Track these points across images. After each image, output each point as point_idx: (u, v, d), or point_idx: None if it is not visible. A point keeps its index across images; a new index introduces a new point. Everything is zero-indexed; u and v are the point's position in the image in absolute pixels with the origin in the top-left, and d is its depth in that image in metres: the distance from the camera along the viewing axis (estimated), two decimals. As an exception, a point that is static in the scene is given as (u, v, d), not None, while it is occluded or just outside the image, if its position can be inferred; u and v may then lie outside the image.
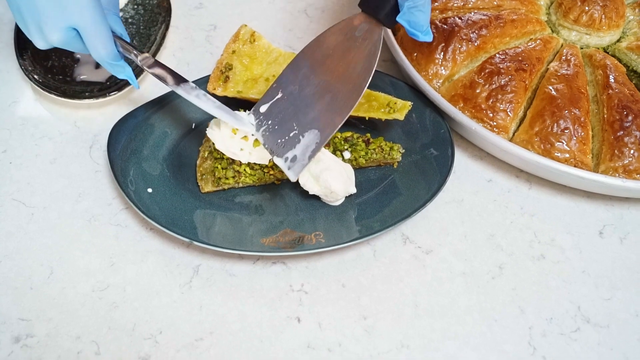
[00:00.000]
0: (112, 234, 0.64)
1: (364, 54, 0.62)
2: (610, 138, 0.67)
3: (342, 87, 0.62)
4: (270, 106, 0.64)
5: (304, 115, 0.62)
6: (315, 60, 0.64)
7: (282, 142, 0.62)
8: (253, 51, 0.71)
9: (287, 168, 0.61)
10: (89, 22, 0.57)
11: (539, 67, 0.71)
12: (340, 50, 0.63)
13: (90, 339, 0.57)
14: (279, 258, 0.63)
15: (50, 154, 0.69)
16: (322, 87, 0.63)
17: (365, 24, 0.62)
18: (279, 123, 0.63)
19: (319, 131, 0.61)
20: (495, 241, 0.65)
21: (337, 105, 0.61)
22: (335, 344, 0.58)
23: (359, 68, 0.61)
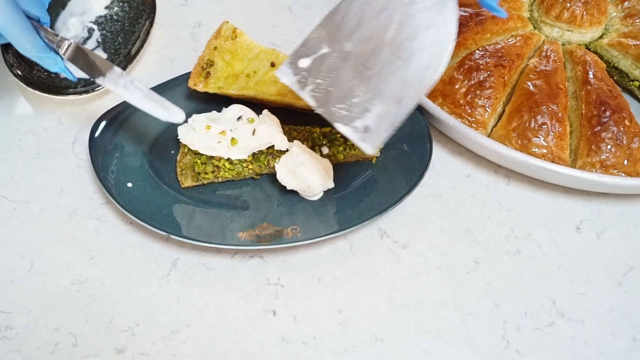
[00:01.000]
0: (92, 228, 0.65)
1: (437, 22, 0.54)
2: (588, 133, 0.67)
3: (416, 55, 0.54)
4: (315, 61, 0.57)
5: (368, 79, 0.55)
6: (368, 16, 0.56)
7: (344, 107, 0.56)
8: (234, 48, 0.71)
9: (360, 139, 0.55)
10: (4, 23, 0.55)
11: (518, 63, 0.71)
12: (403, 11, 0.55)
13: (68, 331, 0.58)
14: (256, 252, 0.64)
15: (33, 149, 0.70)
16: (387, 50, 0.55)
17: None
18: (333, 84, 0.56)
19: (395, 102, 0.55)
20: (472, 236, 0.66)
21: (412, 75, 0.54)
22: (309, 337, 0.59)
23: (432, 37, 0.54)
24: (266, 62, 0.70)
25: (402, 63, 0.55)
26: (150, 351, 0.57)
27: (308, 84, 0.57)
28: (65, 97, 0.71)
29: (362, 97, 0.56)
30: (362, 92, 0.56)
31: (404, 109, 0.55)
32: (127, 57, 0.75)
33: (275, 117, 0.65)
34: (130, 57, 0.75)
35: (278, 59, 0.71)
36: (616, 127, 0.66)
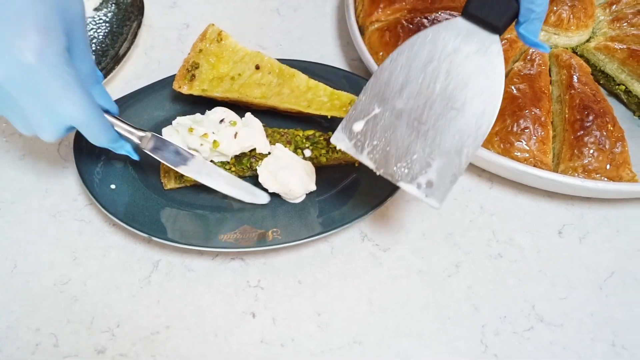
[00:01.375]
0: (75, 229, 0.65)
1: (484, 67, 0.55)
2: (571, 138, 0.67)
3: (469, 103, 0.55)
4: (368, 123, 0.57)
5: (425, 134, 0.56)
6: (413, 70, 0.57)
7: (404, 165, 0.56)
8: (220, 50, 0.72)
9: (425, 195, 0.55)
10: (84, 120, 0.54)
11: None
12: (448, 60, 0.56)
13: (49, 331, 0.59)
14: (238, 254, 0.64)
15: (19, 150, 0.71)
16: (439, 101, 0.56)
17: (474, 32, 0.55)
18: (390, 144, 0.56)
19: (455, 152, 0.55)
20: (454, 240, 0.66)
21: (467, 124, 0.55)
22: (288, 340, 0.59)
23: (482, 82, 0.55)
24: (251, 65, 0.71)
25: (456, 113, 0.56)
26: (130, 352, 0.58)
27: (365, 147, 0.57)
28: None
29: (421, 153, 0.56)
30: (420, 148, 0.56)
31: (465, 159, 0.55)
32: (114, 58, 0.75)
33: (258, 120, 0.66)
34: (117, 58, 0.75)
35: (263, 62, 0.71)
36: (599, 132, 0.66)
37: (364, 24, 0.78)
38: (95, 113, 0.55)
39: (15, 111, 0.53)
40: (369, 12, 0.77)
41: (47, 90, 0.51)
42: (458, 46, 0.56)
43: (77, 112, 0.53)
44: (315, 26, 0.86)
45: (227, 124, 0.65)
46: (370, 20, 0.77)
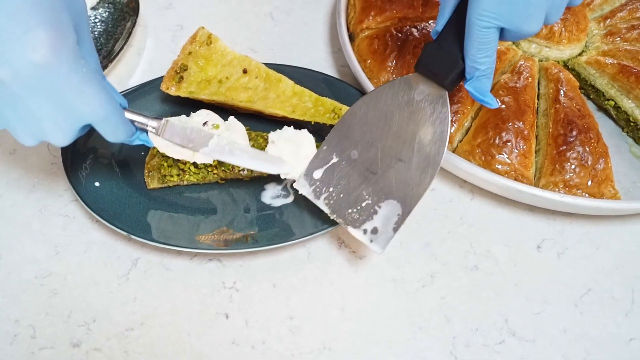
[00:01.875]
0: (59, 224, 0.67)
1: (433, 120, 0.59)
2: (553, 152, 0.67)
3: (415, 155, 0.60)
4: (326, 171, 0.63)
5: (374, 183, 0.61)
6: (369, 122, 0.62)
7: (354, 212, 0.61)
8: (209, 53, 0.73)
9: (369, 240, 0.61)
10: (103, 117, 0.52)
11: (489, 78, 0.72)
12: (400, 113, 0.61)
13: (28, 323, 0.61)
14: (216, 255, 0.66)
15: (11, 144, 0.73)
16: (389, 153, 0.61)
17: (425, 87, 0.60)
18: (343, 191, 0.62)
19: (399, 202, 0.60)
20: (431, 250, 0.67)
21: (412, 175, 0.60)
22: (259, 342, 0.60)
23: (429, 136, 0.60)
24: (239, 69, 0.72)
25: (403, 165, 0.61)
26: (104, 347, 0.59)
27: (322, 193, 0.63)
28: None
29: (369, 201, 0.61)
30: (369, 196, 0.62)
31: (408, 208, 0.60)
32: (107, 57, 0.77)
33: (241, 124, 0.67)
34: (110, 57, 0.77)
35: (250, 66, 0.72)
36: (582, 147, 0.67)
37: (355, 30, 0.79)
38: (115, 107, 0.53)
39: (22, 116, 0.50)
40: (360, 20, 0.78)
41: (64, 86, 0.48)
42: (410, 99, 0.60)
43: (98, 107, 0.51)
44: (307, 31, 0.87)
45: (210, 127, 0.66)
46: (361, 27, 0.78)
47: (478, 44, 0.54)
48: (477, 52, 0.55)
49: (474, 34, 0.54)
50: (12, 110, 0.50)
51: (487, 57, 0.55)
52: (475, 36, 0.54)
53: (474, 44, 0.55)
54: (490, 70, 0.57)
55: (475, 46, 0.55)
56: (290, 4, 0.90)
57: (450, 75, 0.58)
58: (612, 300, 0.65)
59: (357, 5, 0.80)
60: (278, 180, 0.69)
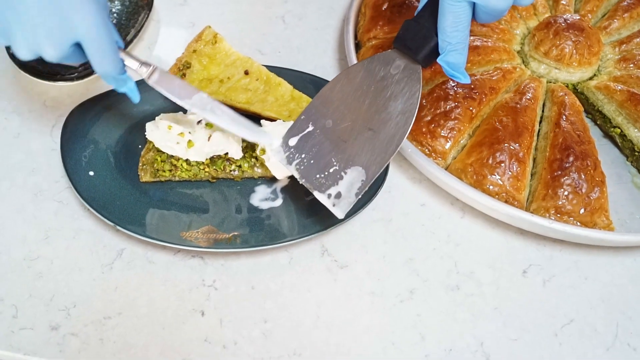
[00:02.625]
0: (52, 209, 0.70)
1: (404, 93, 0.63)
2: (547, 177, 0.67)
3: (383, 125, 0.63)
4: (301, 139, 0.65)
5: (343, 151, 0.64)
6: (346, 94, 0.65)
7: (322, 177, 0.64)
8: (213, 52, 0.75)
9: (332, 205, 0.63)
10: (95, 37, 0.54)
11: (491, 97, 0.72)
12: (375, 86, 0.64)
13: (11, 303, 0.63)
14: (199, 253, 0.67)
15: (16, 128, 0.76)
16: (360, 123, 0.64)
17: (401, 62, 0.63)
18: (314, 157, 0.64)
19: (364, 169, 0.63)
20: (413, 265, 0.67)
21: (379, 144, 0.63)
22: (231, 342, 0.62)
23: (399, 107, 0.63)
24: (241, 70, 0.74)
25: (372, 134, 0.63)
26: (81, 332, 0.62)
27: (295, 159, 0.65)
28: (54, 82, 0.77)
29: (336, 167, 0.64)
30: (336, 162, 0.64)
31: (371, 175, 0.63)
32: (117, 50, 0.79)
33: None
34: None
35: (252, 68, 0.74)
36: (577, 174, 0.66)
37: (362, 39, 0.80)
38: (108, 34, 0.55)
39: (21, 19, 0.53)
40: (367, 29, 0.79)
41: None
42: (387, 73, 0.64)
43: (92, 25, 0.53)
44: (316, 37, 0.88)
45: (203, 126, 0.68)
46: (368, 36, 0.79)
47: (451, 18, 0.58)
48: (448, 27, 0.59)
49: (446, 8, 0.58)
50: (14, 12, 0.53)
51: (458, 31, 0.59)
52: (447, 10, 0.58)
53: (446, 18, 0.58)
54: (461, 46, 0.60)
55: (448, 20, 0.58)
56: (303, 9, 0.91)
57: (424, 50, 0.62)
58: (594, 333, 0.64)
59: (367, 14, 0.81)
60: (268, 183, 0.71)
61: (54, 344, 0.61)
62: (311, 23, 0.89)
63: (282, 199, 0.70)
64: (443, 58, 0.61)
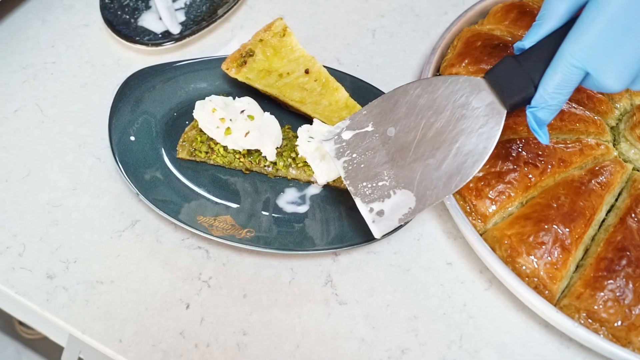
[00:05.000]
0: (89, 164, 0.74)
1: (481, 133, 0.60)
2: (590, 275, 0.61)
3: (448, 160, 0.60)
4: (357, 136, 0.64)
5: (399, 167, 0.62)
6: (419, 107, 0.62)
7: (368, 187, 0.63)
8: (279, 45, 0.76)
9: (372, 220, 0.62)
10: None
11: (558, 169, 0.66)
12: (452, 111, 0.61)
13: (22, 241, 0.68)
14: (204, 245, 0.68)
15: (85, 78, 0.81)
16: (424, 146, 0.62)
17: (487, 96, 0.60)
18: (366, 162, 0.63)
19: (415, 197, 0.61)
20: (415, 324, 0.64)
21: (437, 178, 0.61)
22: (203, 343, 0.62)
23: (470, 146, 0.60)
24: (302, 67, 0.74)
25: (435, 163, 0.61)
26: (71, 288, 0.65)
27: (344, 155, 0.64)
28: (131, 44, 0.81)
29: (387, 183, 0.63)
30: (388, 178, 0.63)
31: (421, 207, 0.61)
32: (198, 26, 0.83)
33: (276, 122, 0.70)
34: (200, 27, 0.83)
35: (314, 68, 0.75)
36: (625, 281, 0.59)
37: (443, 72, 0.77)
38: None
39: None
40: (452, 63, 0.76)
41: None
42: (469, 102, 0.60)
43: None
44: (401, 59, 0.86)
45: (245, 117, 0.69)
46: (450, 71, 0.75)
47: (560, 79, 0.55)
48: (555, 86, 0.56)
49: (560, 68, 0.55)
50: None
51: (561, 94, 0.56)
52: (560, 69, 0.55)
53: (555, 77, 0.55)
54: (557, 108, 0.58)
55: (556, 80, 0.55)
56: (397, 27, 0.89)
57: (517, 97, 0.58)
58: None
59: (457, 48, 0.78)
60: (299, 187, 0.71)
61: (44, 292, 0.65)
62: (400, 43, 0.87)
63: (308, 206, 0.70)
64: (533, 111, 0.58)
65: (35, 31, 0.86)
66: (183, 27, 0.83)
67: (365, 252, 0.69)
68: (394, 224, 0.61)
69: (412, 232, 0.70)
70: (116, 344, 0.62)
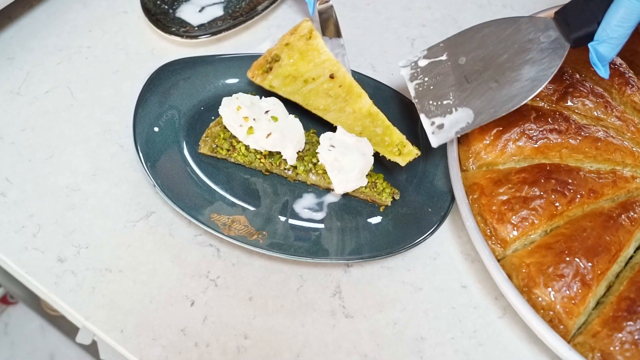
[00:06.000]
0: (111, 151, 0.75)
1: (543, 62, 0.66)
2: (609, 314, 0.59)
3: (510, 83, 0.67)
4: (431, 64, 0.73)
5: (463, 90, 0.69)
6: (490, 41, 0.70)
7: (433, 104, 0.70)
8: (306, 48, 0.75)
9: (431, 132, 0.69)
10: None
11: (587, 200, 0.64)
12: (520, 45, 0.68)
13: (37, 222, 0.69)
14: (217, 243, 0.68)
15: (118, 65, 0.82)
16: (490, 71, 0.69)
17: (554, 33, 0.67)
18: (435, 85, 0.71)
19: (474, 113, 0.68)
20: (421, 346, 0.63)
21: (499, 98, 0.67)
22: (204, 343, 0.62)
23: (532, 73, 0.66)
24: (327, 72, 0.74)
25: (496, 86, 0.68)
26: (80, 274, 0.66)
27: (417, 79, 0.73)
28: (166, 34, 0.82)
29: (451, 101, 0.70)
30: (453, 97, 0.70)
31: (478, 122, 0.68)
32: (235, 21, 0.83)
33: (300, 125, 0.70)
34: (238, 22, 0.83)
35: (338, 73, 0.74)
36: (644, 324, 0.57)
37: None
38: None
39: None
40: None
41: None
42: (535, 37, 0.68)
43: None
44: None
45: (269, 118, 0.69)
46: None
47: (622, 13, 0.61)
48: (616, 20, 0.62)
49: (623, 1, 0.61)
50: None
51: (623, 28, 0.62)
52: (623, 3, 0.61)
53: (618, 11, 0.61)
54: (618, 42, 0.63)
55: (619, 14, 0.61)
56: (437, 38, 0.86)
57: (581, 31, 0.64)
58: None
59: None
60: (318, 193, 0.71)
61: (53, 275, 0.66)
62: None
63: (324, 214, 0.70)
64: (595, 45, 0.64)
65: (75, 14, 0.88)
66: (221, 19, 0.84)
67: (379, 266, 0.68)
68: (452, 136, 0.68)
69: (428, 250, 0.69)
70: (117, 334, 0.63)
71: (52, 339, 1.56)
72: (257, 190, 0.71)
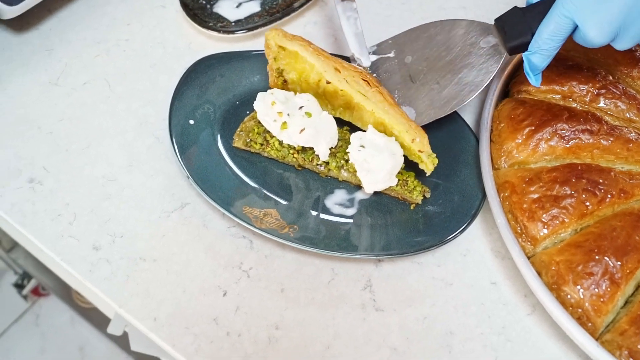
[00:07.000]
0: (147, 143, 0.77)
1: (481, 68, 0.72)
2: (637, 312, 0.60)
3: (449, 86, 0.73)
4: (379, 60, 0.79)
5: (408, 88, 0.75)
6: (436, 42, 0.76)
7: None
8: (291, 57, 0.75)
9: None
10: None
11: (618, 200, 0.66)
12: (462, 48, 0.74)
13: (73, 210, 0.72)
14: (248, 235, 0.71)
15: (155, 59, 0.85)
16: (433, 73, 0.74)
17: (493, 40, 0.72)
18: (383, 81, 0.77)
19: (416, 113, 0.74)
20: (450, 340, 0.65)
21: (438, 100, 0.73)
22: (235, 332, 0.65)
23: (470, 78, 0.72)
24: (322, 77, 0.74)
25: (438, 88, 0.74)
26: (114, 262, 0.69)
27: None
28: (204, 29, 0.84)
29: (397, 99, 0.75)
30: (398, 96, 0.76)
31: (419, 122, 0.72)
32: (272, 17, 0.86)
33: (332, 121, 0.71)
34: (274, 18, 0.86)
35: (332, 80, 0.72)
36: (674, 324, 0.59)
37: (512, 90, 0.78)
38: None
39: None
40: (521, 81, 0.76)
41: None
42: (477, 42, 0.73)
43: None
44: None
45: (303, 113, 0.71)
46: (519, 88, 0.76)
47: (552, 27, 0.66)
48: (547, 33, 0.66)
49: (553, 17, 0.65)
50: None
51: (553, 41, 0.67)
52: (553, 19, 0.65)
53: (549, 25, 0.66)
54: (549, 54, 0.68)
55: (549, 28, 0.66)
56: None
57: (516, 41, 0.69)
58: None
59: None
60: (350, 189, 0.73)
61: (88, 263, 0.69)
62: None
63: (355, 210, 0.72)
64: (528, 55, 0.69)
65: (113, 8, 0.90)
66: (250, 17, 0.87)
67: (410, 261, 0.70)
68: None
69: (459, 247, 0.71)
70: (150, 322, 0.65)
71: (82, 331, 1.61)
72: (290, 185, 0.73)
